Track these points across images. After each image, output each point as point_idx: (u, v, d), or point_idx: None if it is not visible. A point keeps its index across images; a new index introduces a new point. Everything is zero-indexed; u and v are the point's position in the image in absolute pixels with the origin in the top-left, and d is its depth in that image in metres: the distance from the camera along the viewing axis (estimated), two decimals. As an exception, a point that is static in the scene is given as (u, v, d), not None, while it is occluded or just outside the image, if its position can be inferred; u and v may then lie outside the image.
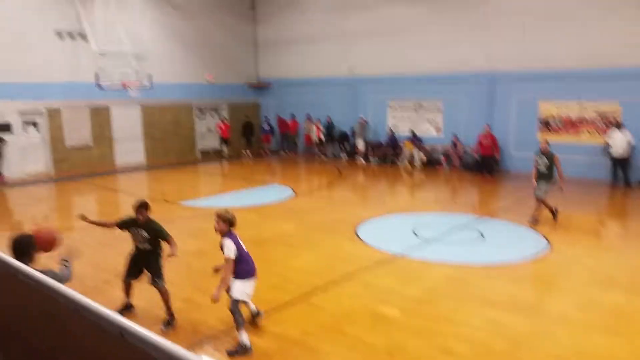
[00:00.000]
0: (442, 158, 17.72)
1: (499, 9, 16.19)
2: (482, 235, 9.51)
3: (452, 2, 17.28)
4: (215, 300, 5.07)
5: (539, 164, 10.11)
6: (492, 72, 16.66)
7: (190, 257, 8.20)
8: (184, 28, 20.47)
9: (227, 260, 5.18)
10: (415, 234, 9.55)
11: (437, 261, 8.01)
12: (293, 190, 14.14)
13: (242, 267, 5.31)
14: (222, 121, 21.36)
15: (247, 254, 5.42)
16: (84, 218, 5.98)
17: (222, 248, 5.24)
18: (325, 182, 16.10)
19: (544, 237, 9.31)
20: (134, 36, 16.95)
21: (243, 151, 21.55)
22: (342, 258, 8.33)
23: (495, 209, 12.25)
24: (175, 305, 6.12)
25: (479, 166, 16.49)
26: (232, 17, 22.27)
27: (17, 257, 3.80)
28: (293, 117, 21.86)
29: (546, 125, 16.04)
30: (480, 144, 16.32)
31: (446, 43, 17.45)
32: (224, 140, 21.10)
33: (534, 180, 10.15)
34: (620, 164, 14.19)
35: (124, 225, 5.99)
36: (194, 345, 5.37)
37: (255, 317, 5.80)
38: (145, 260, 5.94)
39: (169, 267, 6.29)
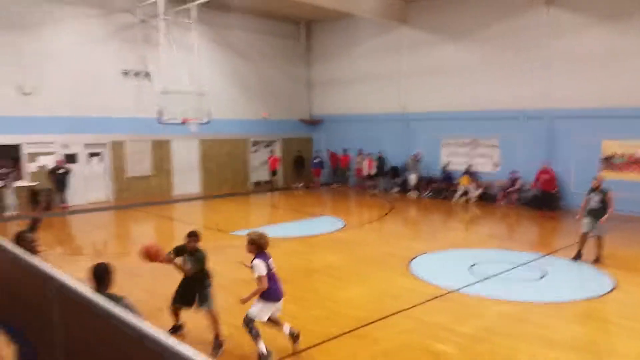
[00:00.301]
0: (498, 193, 17.21)
1: (559, 48, 15.87)
2: (542, 273, 9.06)
3: (508, 42, 17.06)
4: (242, 302, 5.49)
5: (593, 200, 9.71)
6: (552, 110, 16.21)
7: (239, 285, 8.22)
8: (242, 68, 21.25)
9: (259, 278, 5.39)
10: (471, 270, 9.22)
11: (494, 298, 7.67)
12: (343, 222, 14.07)
13: (267, 289, 5.45)
14: (271, 154, 21.86)
15: (275, 276, 5.57)
16: (167, 259, 6.03)
17: (252, 267, 5.46)
18: (376, 215, 15.94)
19: (609, 276, 8.77)
20: (195, 76, 17.73)
21: (293, 184, 21.85)
22: (394, 292, 8.12)
23: (555, 246, 11.69)
24: (225, 331, 6.13)
25: (538, 202, 15.90)
26: (288, 59, 23.01)
27: (96, 284, 4.22)
28: (345, 151, 22.00)
29: (609, 163, 15.34)
30: (538, 179, 15.77)
31: (502, 80, 17.24)
32: (273, 173, 21.53)
33: (579, 216, 9.91)
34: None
35: (177, 252, 6.21)
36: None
37: (294, 337, 5.81)
38: (193, 287, 6.15)
39: (219, 296, 6.33)
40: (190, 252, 6.12)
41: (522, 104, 16.82)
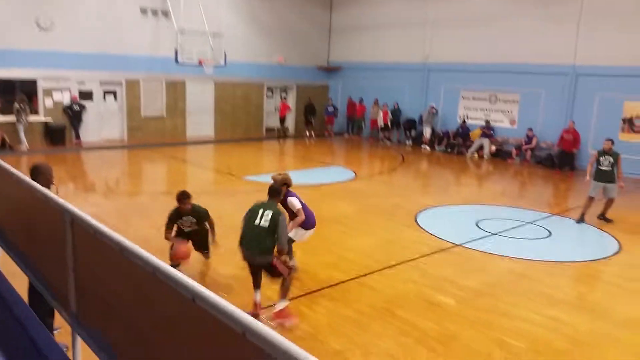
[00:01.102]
0: (513, 151, 17.04)
1: (591, 3, 15.27)
2: (549, 232, 9.10)
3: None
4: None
5: (602, 163, 9.56)
6: (576, 66, 15.75)
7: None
8: (261, 10, 20.72)
9: (297, 211, 6.17)
10: (479, 226, 9.27)
11: (499, 254, 7.74)
12: (354, 173, 14.10)
13: (305, 219, 6.23)
14: (282, 100, 21.71)
15: (308, 208, 6.40)
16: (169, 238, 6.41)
17: (286, 205, 6.14)
18: (388, 167, 15.93)
19: (614, 238, 8.79)
20: (212, 16, 17.38)
21: (306, 132, 21.70)
22: (400, 243, 8.23)
23: (565, 206, 11.68)
24: (235, 272, 6.32)
25: (553, 161, 15.77)
26: (307, 1, 22.33)
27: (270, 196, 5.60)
28: (360, 100, 21.72)
29: (630, 124, 15.04)
30: (562, 138, 15.54)
31: (527, 34, 16.66)
32: (281, 119, 21.46)
33: (588, 177, 9.82)
34: None
35: (173, 220, 6.40)
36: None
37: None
38: (193, 238, 6.54)
39: (231, 238, 6.45)
40: (188, 212, 6.32)
41: (546, 59, 16.33)
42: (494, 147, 17.49)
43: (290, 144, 20.39)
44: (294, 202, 6.21)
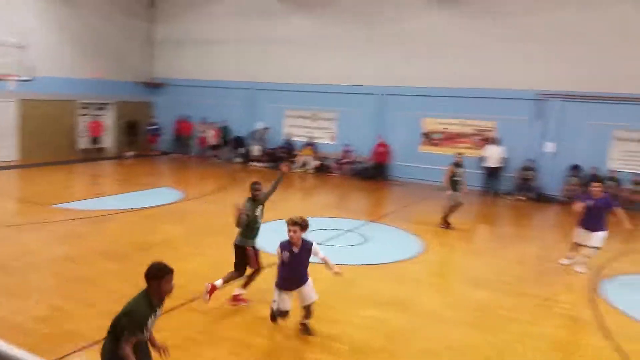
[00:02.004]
0: (334, 165, 18.25)
1: (393, 30, 17.29)
2: (367, 238, 9.94)
3: (351, 18, 18.07)
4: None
5: (457, 174, 10.88)
6: (383, 88, 17.58)
7: (59, 264, 7.62)
8: (72, 20, 19.09)
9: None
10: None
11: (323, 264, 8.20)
12: (182, 193, 13.76)
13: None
14: (93, 119, 20.38)
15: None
16: None
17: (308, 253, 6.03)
18: (218, 185, 15.85)
19: (422, 240, 9.96)
20: (16, 25, 15.51)
21: (125, 152, 20.55)
22: (231, 262, 8.23)
23: (380, 214, 12.86)
24: (44, 313, 5.72)
25: (369, 173, 17.29)
26: (126, 13, 21.22)
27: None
28: (188, 118, 21.32)
29: (428, 138, 17.21)
30: (375, 152, 17.15)
31: (341, 56, 18.21)
32: (94, 139, 20.14)
33: (450, 190, 10.97)
34: (493, 176, 15.62)
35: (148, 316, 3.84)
36: (66, 356, 5.01)
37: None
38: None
39: (35, 274, 5.84)
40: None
41: (359, 81, 17.93)
42: (317, 162, 18.54)
43: (109, 166, 19.08)
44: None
